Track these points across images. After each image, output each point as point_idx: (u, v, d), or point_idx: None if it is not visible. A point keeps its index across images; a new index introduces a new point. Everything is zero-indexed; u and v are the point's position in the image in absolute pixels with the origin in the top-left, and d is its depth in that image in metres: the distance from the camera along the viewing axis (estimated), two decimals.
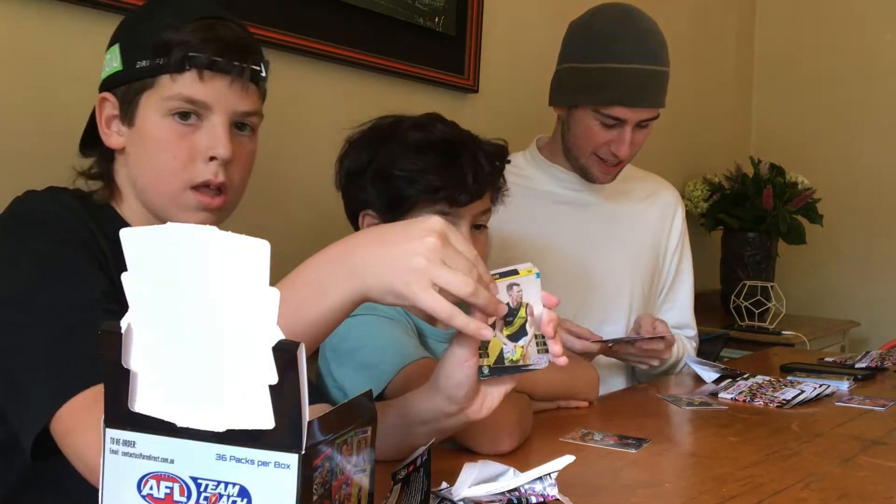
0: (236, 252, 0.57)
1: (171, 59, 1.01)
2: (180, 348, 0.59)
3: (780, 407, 1.41)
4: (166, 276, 0.59)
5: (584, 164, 1.74)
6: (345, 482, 0.64)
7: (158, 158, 1.04)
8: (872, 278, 3.51)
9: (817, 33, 3.65)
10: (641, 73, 1.65)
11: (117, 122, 1.07)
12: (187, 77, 1.02)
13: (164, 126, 1.03)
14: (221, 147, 1.04)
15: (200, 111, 1.04)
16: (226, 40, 1.04)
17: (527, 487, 0.83)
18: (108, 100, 1.07)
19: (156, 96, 1.03)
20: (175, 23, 1.03)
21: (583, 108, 1.69)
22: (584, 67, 1.68)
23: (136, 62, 1.03)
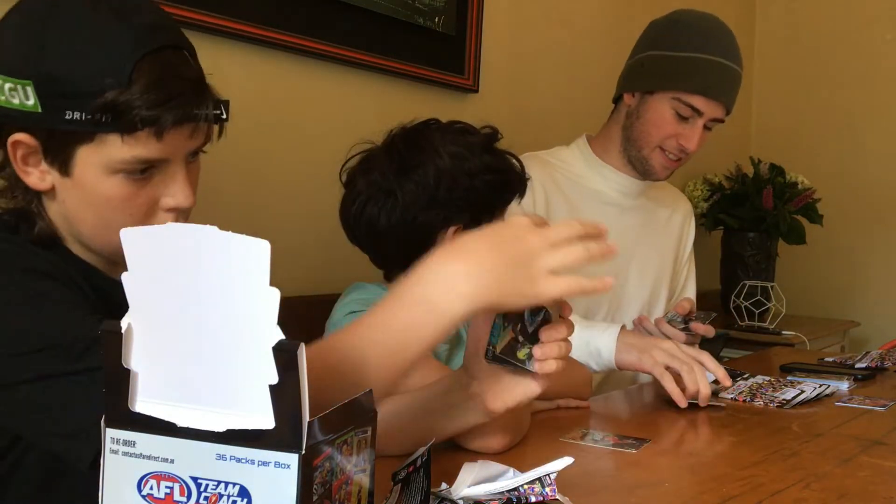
0: (236, 252, 0.57)
1: (121, 120, 0.87)
2: (180, 348, 0.59)
3: (779, 407, 1.41)
4: (167, 275, 0.59)
5: (646, 156, 1.76)
6: (345, 482, 0.64)
7: (110, 217, 0.92)
8: (872, 278, 3.51)
9: (817, 33, 3.65)
10: (727, 70, 1.70)
11: (39, 160, 0.92)
12: (142, 137, 0.88)
13: (112, 184, 0.91)
14: (183, 197, 0.94)
15: (157, 164, 0.92)
16: (183, 91, 0.89)
17: (526, 487, 0.83)
18: (24, 142, 0.91)
19: (99, 154, 0.89)
20: (110, 65, 0.86)
21: (661, 95, 1.71)
22: (672, 55, 1.72)
23: (63, 111, 0.87)
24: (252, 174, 1.40)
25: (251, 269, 0.57)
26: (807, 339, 2.78)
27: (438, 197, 1.28)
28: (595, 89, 2.33)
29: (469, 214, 1.31)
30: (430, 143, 1.30)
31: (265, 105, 1.74)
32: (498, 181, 1.32)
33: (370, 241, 1.37)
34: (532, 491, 0.83)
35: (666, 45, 1.74)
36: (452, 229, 1.31)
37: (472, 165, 1.29)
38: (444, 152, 1.28)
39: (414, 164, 1.29)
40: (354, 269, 1.51)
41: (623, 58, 1.88)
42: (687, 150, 1.72)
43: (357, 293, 1.38)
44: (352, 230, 1.38)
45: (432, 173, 1.28)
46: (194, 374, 0.59)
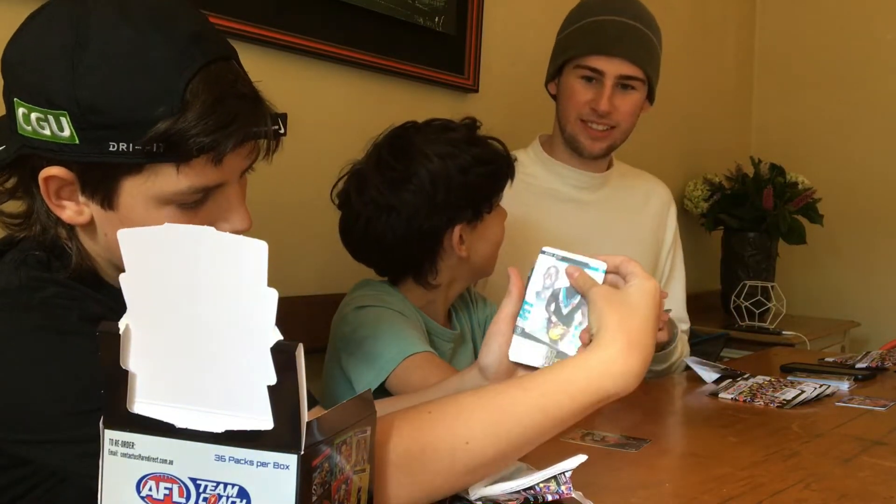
0: (235, 252, 0.57)
1: (177, 149, 0.78)
2: (179, 349, 0.59)
3: (780, 407, 1.41)
4: (166, 276, 0.59)
5: (571, 133, 1.75)
6: (344, 482, 0.64)
7: None
8: (872, 278, 3.51)
9: (817, 33, 3.65)
10: (618, 24, 1.69)
11: (74, 193, 0.83)
12: (197, 165, 0.80)
13: (164, 215, 0.82)
14: (239, 221, 0.87)
15: (212, 190, 0.85)
16: (243, 101, 0.82)
17: (542, 486, 0.83)
18: (58, 177, 0.81)
19: (150, 186, 0.81)
20: (157, 89, 0.77)
21: (567, 70, 1.73)
22: (569, 31, 1.75)
23: (106, 142, 0.78)
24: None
25: (249, 269, 0.57)
26: (807, 339, 2.78)
27: (437, 201, 1.29)
28: None
29: (471, 210, 1.32)
30: (416, 147, 1.30)
31: None
32: (490, 171, 1.33)
33: (379, 257, 1.38)
34: (548, 489, 0.83)
35: (565, 25, 1.78)
36: (458, 228, 1.33)
37: (463, 161, 1.30)
38: (432, 154, 1.29)
39: (406, 174, 1.30)
40: (354, 269, 1.51)
41: None
42: (601, 112, 1.69)
43: (366, 289, 1.39)
44: (357, 250, 1.39)
45: (427, 179, 1.28)
46: (193, 374, 0.59)
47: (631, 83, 1.71)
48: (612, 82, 1.69)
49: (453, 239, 1.34)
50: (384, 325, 1.28)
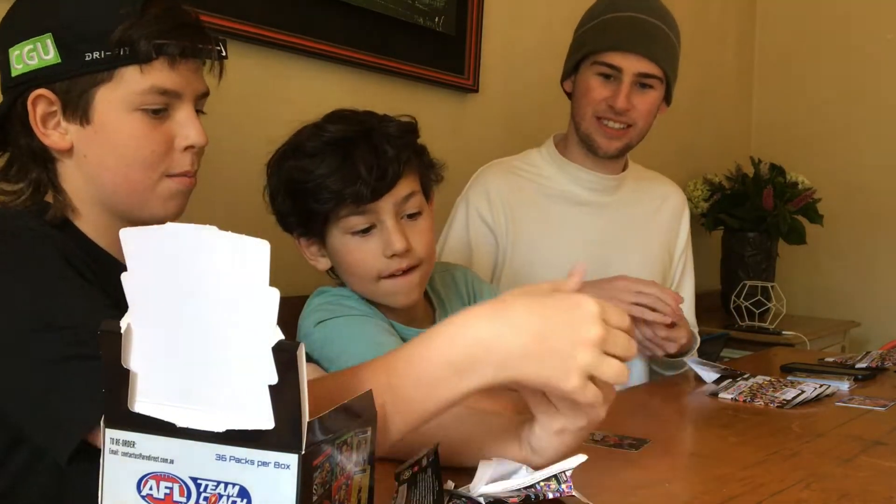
0: (236, 252, 0.57)
1: (139, 49, 0.94)
2: (180, 348, 0.59)
3: (780, 407, 1.41)
4: (166, 275, 0.59)
5: (587, 131, 1.71)
6: (345, 482, 0.64)
7: (134, 154, 0.97)
8: (872, 278, 3.51)
9: (817, 33, 3.65)
10: (637, 21, 1.67)
11: (60, 121, 0.97)
12: (157, 66, 0.95)
13: (134, 121, 0.97)
14: (197, 135, 1.00)
15: (171, 101, 0.99)
16: (188, 22, 0.99)
17: (542, 485, 0.83)
18: (45, 97, 0.96)
19: (120, 90, 0.95)
20: (131, 9, 0.94)
21: (584, 67, 1.71)
22: (586, 28, 1.73)
23: (83, 54, 0.93)
24: (252, 173, 1.40)
25: (251, 269, 0.57)
26: (807, 339, 2.78)
27: (278, 204, 1.25)
28: None
29: (303, 224, 1.24)
30: (293, 143, 1.24)
31: (264, 104, 1.74)
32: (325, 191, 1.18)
33: None
34: (548, 488, 0.83)
35: (582, 23, 1.76)
36: (299, 242, 1.27)
37: (302, 174, 1.19)
38: (292, 158, 1.22)
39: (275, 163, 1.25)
40: None
41: None
42: (618, 110, 1.66)
43: (322, 298, 1.29)
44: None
45: (275, 180, 1.24)
46: (194, 374, 0.59)
47: (649, 81, 1.68)
48: (631, 80, 1.66)
49: (304, 250, 1.27)
50: (356, 337, 1.20)
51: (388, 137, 1.21)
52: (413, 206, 1.22)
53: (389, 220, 1.19)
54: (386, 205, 1.19)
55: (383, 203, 1.18)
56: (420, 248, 1.22)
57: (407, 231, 1.20)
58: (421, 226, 1.23)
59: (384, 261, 1.19)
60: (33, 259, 0.90)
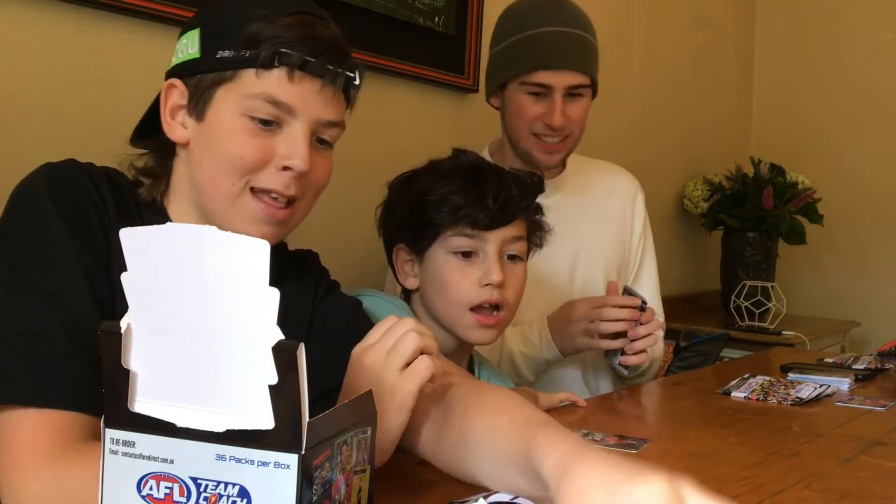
0: (236, 252, 0.57)
1: (261, 52, 0.91)
2: (180, 348, 0.59)
3: (793, 405, 1.42)
4: (166, 275, 0.59)
5: (525, 149, 1.69)
6: (344, 482, 0.64)
7: (225, 154, 0.93)
8: (872, 278, 3.51)
9: (817, 33, 3.65)
10: (561, 35, 1.64)
11: (183, 114, 0.97)
12: (275, 75, 0.92)
13: (239, 123, 0.93)
14: (299, 158, 0.94)
15: (283, 116, 0.94)
16: (322, 39, 0.94)
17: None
18: (177, 87, 0.96)
19: (235, 91, 0.93)
20: (269, 14, 0.93)
21: (511, 85, 1.68)
22: (508, 44, 1.69)
23: (216, 51, 0.93)
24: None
25: (251, 269, 0.57)
26: (807, 339, 2.78)
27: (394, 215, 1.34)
28: None
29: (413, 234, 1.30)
30: (427, 167, 1.32)
31: None
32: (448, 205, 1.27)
33: None
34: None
35: (503, 38, 1.72)
36: (397, 250, 1.33)
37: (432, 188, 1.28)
38: (424, 176, 1.30)
39: (401, 182, 1.34)
40: (354, 269, 1.51)
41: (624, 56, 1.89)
42: (555, 127, 1.64)
43: (365, 289, 1.34)
44: None
45: (399, 194, 1.33)
46: (194, 373, 0.59)
47: (580, 91, 1.67)
48: (562, 94, 1.64)
49: (396, 260, 1.33)
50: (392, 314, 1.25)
51: (517, 180, 1.29)
52: (517, 249, 1.29)
53: (493, 252, 1.25)
54: (495, 238, 1.25)
55: (493, 235, 1.25)
56: (511, 291, 1.27)
57: (504, 270, 1.26)
58: (517, 271, 1.30)
59: (478, 289, 1.24)
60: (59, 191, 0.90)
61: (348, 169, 1.91)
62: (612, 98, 2.85)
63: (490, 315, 1.26)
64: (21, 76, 1.36)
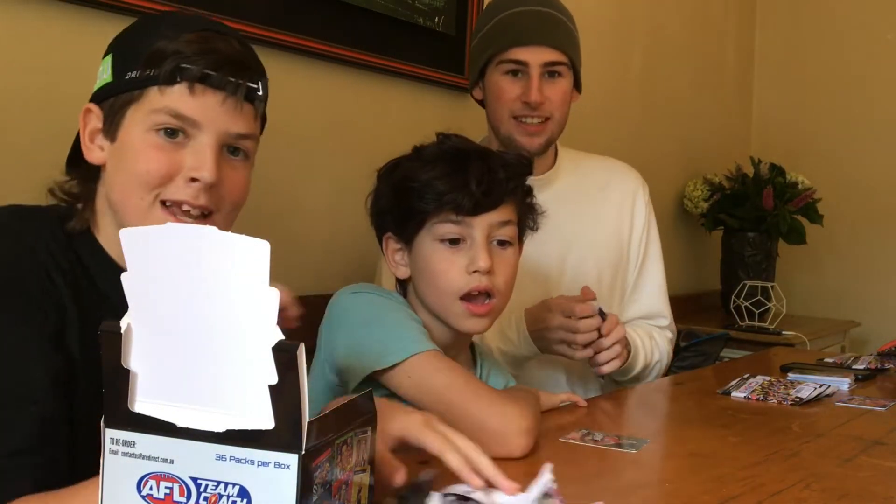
0: (236, 252, 0.57)
1: (162, 69, 0.94)
2: (180, 348, 0.59)
3: (793, 405, 1.42)
4: (166, 275, 0.59)
5: (507, 133, 1.67)
6: (345, 482, 0.64)
7: (134, 169, 0.96)
8: (872, 278, 3.51)
9: (818, 33, 3.65)
10: (534, 14, 1.65)
11: (100, 137, 1.00)
12: (177, 90, 0.95)
13: (145, 139, 0.96)
14: (206, 169, 0.95)
15: (188, 129, 0.96)
16: (221, 53, 0.96)
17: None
18: (93, 111, 1.00)
19: (142, 109, 0.96)
20: (171, 34, 0.96)
21: (490, 70, 1.68)
22: (482, 33, 1.71)
23: (125, 73, 0.96)
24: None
25: (251, 269, 0.57)
26: (807, 339, 2.78)
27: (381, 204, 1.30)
28: (594, 88, 2.32)
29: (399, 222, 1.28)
30: (412, 153, 1.30)
31: None
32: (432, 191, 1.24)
33: None
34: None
35: (477, 31, 1.74)
36: (386, 240, 1.30)
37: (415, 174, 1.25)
38: (408, 162, 1.28)
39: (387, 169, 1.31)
40: (354, 269, 1.52)
41: (623, 56, 1.89)
42: (532, 103, 1.63)
43: (363, 284, 1.33)
44: None
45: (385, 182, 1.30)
46: (194, 374, 0.59)
47: (557, 69, 1.66)
48: (539, 72, 1.63)
49: (386, 249, 1.29)
50: (388, 312, 1.23)
51: (503, 163, 1.25)
52: (506, 234, 1.24)
53: (480, 237, 1.21)
54: (481, 223, 1.21)
55: (479, 220, 1.21)
56: (501, 277, 1.23)
57: (493, 256, 1.22)
58: (507, 257, 1.25)
59: (466, 277, 1.21)
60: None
61: (348, 169, 1.91)
62: (612, 98, 2.86)
63: (481, 304, 1.23)
64: (21, 76, 1.37)
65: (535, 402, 1.20)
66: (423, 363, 1.16)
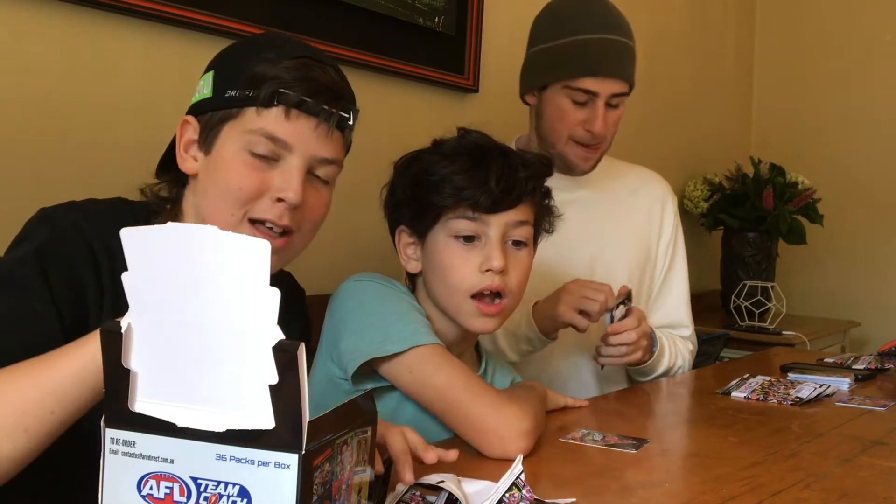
0: (236, 252, 0.57)
1: (262, 92, 0.98)
2: (181, 348, 0.59)
3: (793, 405, 1.42)
4: (166, 275, 0.59)
5: (562, 152, 1.70)
6: (345, 482, 0.64)
7: (226, 184, 1.00)
8: (872, 278, 3.51)
9: (817, 33, 3.65)
10: (609, 44, 1.65)
11: (195, 148, 1.04)
12: (273, 113, 0.99)
13: (239, 157, 1.00)
14: (292, 191, 0.99)
15: (279, 151, 1.00)
16: (319, 81, 1.01)
17: (507, 496, 0.82)
18: (191, 123, 1.04)
19: (238, 128, 1.00)
20: (273, 58, 1.00)
21: (553, 88, 1.68)
22: (552, 45, 1.69)
23: (225, 91, 1.01)
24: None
25: (251, 269, 0.57)
26: (807, 339, 2.78)
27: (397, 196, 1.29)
28: None
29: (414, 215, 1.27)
30: (432, 146, 1.28)
31: None
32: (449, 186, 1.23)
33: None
34: (514, 498, 0.82)
35: (546, 37, 1.72)
36: (399, 232, 1.29)
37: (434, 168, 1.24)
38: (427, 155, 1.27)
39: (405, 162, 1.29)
40: (354, 268, 1.51)
41: None
42: (596, 134, 1.66)
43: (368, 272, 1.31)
44: None
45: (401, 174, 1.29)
46: (194, 374, 0.59)
47: (620, 99, 1.69)
48: (604, 101, 1.65)
49: (398, 242, 1.28)
50: (392, 302, 1.21)
51: (524, 162, 1.23)
52: (521, 234, 1.22)
53: (496, 236, 1.20)
54: (497, 221, 1.19)
55: (496, 219, 1.19)
56: (514, 278, 1.21)
57: (507, 256, 1.20)
58: (522, 258, 1.24)
59: (478, 275, 1.19)
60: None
61: (347, 168, 1.91)
62: None
63: (491, 303, 1.21)
64: (21, 76, 1.37)
65: (538, 402, 1.19)
66: (424, 358, 1.15)
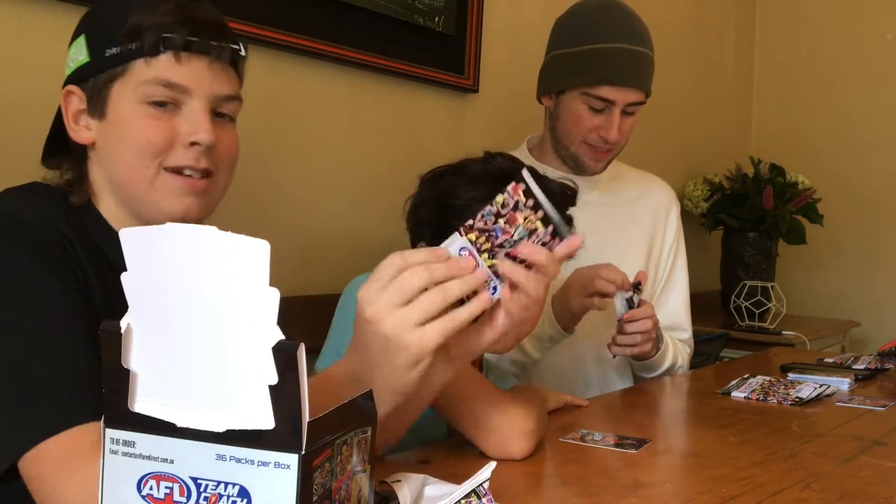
0: (236, 252, 0.57)
1: (145, 42, 0.96)
2: (180, 348, 0.59)
3: (793, 405, 1.42)
4: (166, 275, 0.59)
5: (575, 154, 1.74)
6: (345, 482, 0.64)
7: (132, 142, 0.97)
8: (872, 278, 3.51)
9: (817, 33, 3.65)
10: (629, 53, 1.67)
11: (85, 117, 1.01)
12: (163, 60, 0.97)
13: (138, 111, 0.97)
14: (203, 132, 0.98)
15: (178, 96, 0.98)
16: (202, 20, 0.99)
17: (463, 502, 0.82)
18: (74, 93, 1.01)
19: (130, 83, 0.97)
20: (146, 5, 0.97)
21: (571, 93, 1.70)
22: (572, 51, 1.71)
23: (104, 50, 0.97)
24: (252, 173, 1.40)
25: (251, 269, 0.57)
26: (807, 339, 2.78)
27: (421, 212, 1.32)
28: None
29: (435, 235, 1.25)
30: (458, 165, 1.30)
31: (265, 105, 1.74)
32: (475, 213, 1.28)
33: None
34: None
35: (566, 42, 1.74)
36: (420, 246, 1.29)
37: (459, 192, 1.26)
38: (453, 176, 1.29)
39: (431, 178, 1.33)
40: (354, 268, 1.51)
41: None
42: (610, 141, 1.69)
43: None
44: None
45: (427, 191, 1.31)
46: (194, 373, 0.59)
47: (636, 107, 1.71)
48: (620, 110, 1.68)
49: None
50: None
51: (547, 191, 1.22)
52: None
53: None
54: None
55: None
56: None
57: None
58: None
59: None
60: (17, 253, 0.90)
61: (348, 168, 1.92)
62: None
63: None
64: (21, 76, 1.36)
65: (540, 404, 1.20)
66: None
